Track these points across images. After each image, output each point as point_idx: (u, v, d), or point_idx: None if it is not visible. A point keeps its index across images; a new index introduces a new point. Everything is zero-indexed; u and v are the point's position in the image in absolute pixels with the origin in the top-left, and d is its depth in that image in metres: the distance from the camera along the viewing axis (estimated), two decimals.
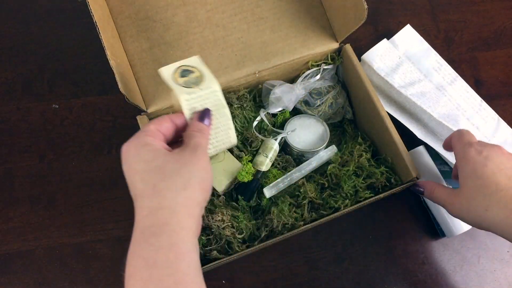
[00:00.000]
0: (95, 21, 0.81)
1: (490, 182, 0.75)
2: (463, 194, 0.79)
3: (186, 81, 0.77)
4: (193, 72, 0.79)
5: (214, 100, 0.77)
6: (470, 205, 0.77)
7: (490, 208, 0.74)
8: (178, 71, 0.78)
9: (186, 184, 0.64)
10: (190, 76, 0.78)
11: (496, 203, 0.73)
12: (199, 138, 0.70)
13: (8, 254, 1.05)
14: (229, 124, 0.80)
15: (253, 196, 1.00)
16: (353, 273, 1.06)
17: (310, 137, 1.03)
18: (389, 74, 1.13)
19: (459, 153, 0.82)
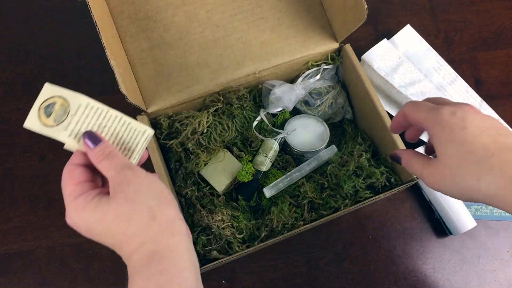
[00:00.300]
0: (95, 21, 0.81)
1: (476, 147, 0.62)
2: (445, 164, 0.65)
3: (55, 118, 0.67)
4: (55, 102, 0.68)
5: (92, 112, 0.68)
6: (456, 176, 0.64)
7: (482, 177, 0.61)
8: (41, 113, 0.67)
9: (150, 215, 0.60)
10: (54, 109, 0.67)
11: (490, 170, 0.61)
12: (109, 164, 0.63)
13: (8, 254, 1.05)
14: (126, 121, 0.69)
15: (253, 196, 1.00)
16: (353, 273, 1.06)
17: (310, 137, 1.03)
18: (389, 74, 1.13)
19: (429, 120, 0.67)
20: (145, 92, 0.97)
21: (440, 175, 0.66)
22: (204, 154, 0.97)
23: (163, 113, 0.99)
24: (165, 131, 0.98)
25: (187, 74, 0.98)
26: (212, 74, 0.99)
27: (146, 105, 0.96)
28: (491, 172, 0.60)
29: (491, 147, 0.61)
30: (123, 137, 0.68)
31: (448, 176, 0.65)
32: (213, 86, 0.99)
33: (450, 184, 0.65)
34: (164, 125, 0.98)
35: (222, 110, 1.01)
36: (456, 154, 0.63)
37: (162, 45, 0.99)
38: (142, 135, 0.69)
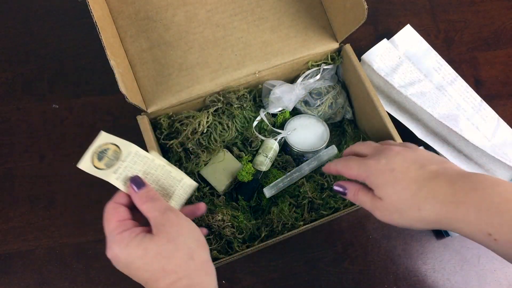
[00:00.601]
0: (95, 20, 0.81)
1: (408, 183, 0.71)
2: (388, 201, 0.73)
3: (107, 162, 0.74)
4: (108, 149, 0.76)
5: (140, 160, 0.76)
6: (401, 210, 0.71)
7: (422, 206, 0.69)
8: (95, 157, 0.74)
9: (189, 255, 0.66)
10: (107, 155, 0.75)
11: (425, 199, 0.68)
12: (152, 206, 0.69)
13: (8, 254, 1.05)
14: (168, 170, 0.77)
15: (253, 196, 1.00)
16: (353, 273, 1.06)
17: (310, 137, 1.03)
18: (389, 74, 1.13)
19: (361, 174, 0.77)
20: (145, 92, 0.97)
21: (388, 211, 0.73)
22: (204, 154, 0.97)
23: (163, 113, 0.99)
24: (165, 131, 0.98)
25: (187, 74, 0.98)
26: (212, 74, 0.99)
27: (146, 105, 0.96)
28: (426, 202, 0.68)
29: (420, 179, 0.70)
30: (164, 184, 0.75)
31: (394, 212, 0.72)
32: (213, 86, 0.99)
33: (398, 218, 0.72)
34: (164, 125, 0.98)
35: (222, 110, 1.01)
36: (393, 192, 0.72)
37: (162, 45, 0.99)
38: (179, 182, 0.77)
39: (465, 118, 1.13)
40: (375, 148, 0.79)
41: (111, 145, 0.76)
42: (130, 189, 0.71)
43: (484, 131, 1.13)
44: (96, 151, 0.74)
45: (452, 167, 0.72)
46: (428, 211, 0.68)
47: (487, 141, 1.11)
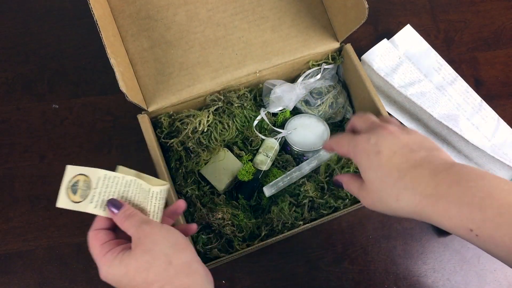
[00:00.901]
0: (95, 19, 0.81)
1: (391, 169, 0.67)
2: (370, 188, 0.70)
3: (82, 194, 0.74)
4: (78, 180, 0.75)
5: (110, 182, 0.74)
6: (381, 197, 0.68)
7: (400, 197, 0.65)
8: (70, 192, 0.74)
9: (167, 261, 0.66)
10: (79, 187, 0.74)
11: (404, 190, 0.65)
12: (129, 223, 0.69)
13: (8, 254, 1.05)
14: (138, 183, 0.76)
15: (253, 195, 1.00)
16: (353, 273, 1.06)
17: (311, 137, 1.03)
18: (389, 74, 1.13)
19: (350, 152, 0.73)
20: (146, 91, 0.97)
21: (370, 197, 0.70)
22: (205, 153, 0.97)
23: (164, 112, 0.99)
24: (166, 130, 0.98)
25: (188, 73, 0.98)
26: (212, 73, 0.99)
27: (146, 104, 0.96)
28: (405, 192, 0.64)
29: (404, 167, 0.66)
30: (139, 198, 0.75)
31: (376, 198, 0.69)
32: (214, 85, 0.99)
33: (379, 205, 0.69)
34: (165, 124, 0.98)
35: (222, 109, 1.01)
36: (376, 178, 0.68)
37: (163, 44, 0.99)
38: (148, 193, 0.75)
39: (465, 118, 1.13)
40: (371, 124, 0.74)
41: (79, 176, 0.75)
42: (110, 213, 0.71)
43: (484, 131, 1.13)
44: (68, 186, 0.74)
45: (440, 155, 0.67)
46: (406, 202, 0.65)
47: (487, 141, 1.12)
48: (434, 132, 1.10)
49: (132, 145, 1.13)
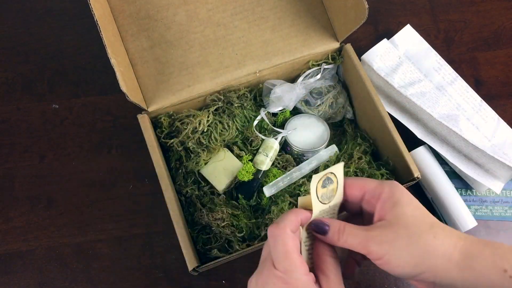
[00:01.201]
0: (96, 19, 0.81)
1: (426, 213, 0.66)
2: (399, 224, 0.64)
3: (323, 194, 0.69)
4: (332, 182, 0.70)
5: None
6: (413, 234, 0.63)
7: (438, 235, 0.62)
8: (320, 182, 0.68)
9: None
10: (327, 188, 0.70)
11: (442, 230, 0.63)
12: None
13: (8, 254, 1.05)
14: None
15: (253, 195, 1.00)
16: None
17: (311, 137, 1.03)
18: (389, 74, 1.13)
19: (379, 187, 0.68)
20: (146, 91, 0.97)
21: (393, 234, 0.63)
22: (205, 153, 0.97)
23: (164, 112, 0.99)
24: (166, 130, 0.99)
25: (188, 73, 0.98)
26: (212, 73, 0.99)
27: (146, 104, 0.96)
28: (444, 233, 0.62)
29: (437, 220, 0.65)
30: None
31: (404, 235, 0.62)
32: (214, 85, 0.99)
33: (404, 243, 0.62)
34: (165, 124, 0.98)
35: (222, 109, 1.01)
36: (414, 215, 0.64)
37: (163, 44, 0.99)
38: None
39: (465, 118, 1.13)
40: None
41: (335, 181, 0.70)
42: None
43: (484, 131, 1.13)
44: (327, 173, 0.69)
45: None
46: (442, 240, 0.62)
47: (487, 141, 1.11)
48: (434, 132, 1.09)
49: (132, 145, 1.13)
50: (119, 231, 1.07)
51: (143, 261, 1.05)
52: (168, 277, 1.04)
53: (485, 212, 1.10)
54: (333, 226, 0.67)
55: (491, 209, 1.10)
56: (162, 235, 1.06)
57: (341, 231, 0.66)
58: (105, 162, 1.12)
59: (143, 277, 1.04)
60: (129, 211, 1.08)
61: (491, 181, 1.06)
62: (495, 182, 1.07)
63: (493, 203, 1.11)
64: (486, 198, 1.11)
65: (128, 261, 1.05)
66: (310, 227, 0.69)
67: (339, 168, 0.69)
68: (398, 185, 0.67)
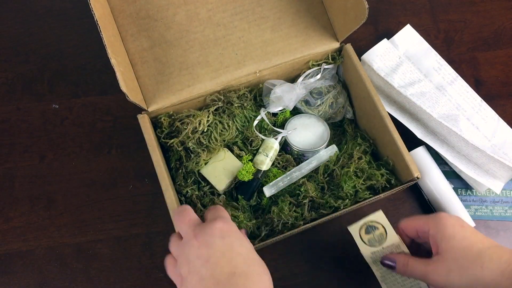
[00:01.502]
0: (96, 19, 0.81)
1: (474, 242, 0.76)
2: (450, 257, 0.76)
3: (370, 239, 0.89)
4: (377, 228, 0.89)
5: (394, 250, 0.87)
6: (462, 267, 0.75)
7: (485, 265, 0.72)
8: (364, 228, 0.89)
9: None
10: (374, 233, 0.89)
11: (490, 260, 0.73)
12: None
13: (8, 254, 1.05)
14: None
15: (253, 196, 1.00)
16: (353, 273, 1.05)
17: (311, 137, 1.03)
18: (389, 74, 1.13)
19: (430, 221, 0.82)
20: (146, 91, 0.97)
21: (446, 268, 0.76)
22: (205, 153, 0.97)
23: (164, 112, 0.99)
24: (166, 130, 0.98)
25: (188, 73, 0.98)
26: (212, 73, 0.99)
27: (146, 104, 0.96)
28: (491, 261, 0.72)
29: (485, 242, 0.76)
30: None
31: (455, 268, 0.75)
32: (214, 85, 0.99)
33: (456, 275, 0.74)
34: (165, 124, 0.98)
35: (222, 109, 1.01)
36: (460, 247, 0.76)
37: (163, 44, 0.99)
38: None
39: (465, 118, 1.13)
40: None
41: (381, 227, 0.89)
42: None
43: (484, 131, 1.13)
44: (367, 222, 0.89)
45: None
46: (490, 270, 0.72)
47: (487, 141, 1.12)
48: (434, 132, 1.10)
49: (132, 145, 1.13)
50: (119, 231, 1.07)
51: (143, 261, 1.05)
52: (168, 277, 1.03)
53: (485, 212, 1.10)
54: (399, 262, 0.83)
55: (491, 209, 1.10)
56: (162, 235, 1.06)
57: (405, 265, 0.82)
58: (105, 162, 1.12)
59: (143, 277, 1.04)
60: (129, 211, 1.08)
61: (491, 181, 1.06)
62: (495, 182, 1.07)
63: (493, 203, 1.11)
64: (486, 198, 1.11)
65: (128, 261, 1.05)
66: (382, 263, 0.86)
67: (380, 216, 0.89)
68: (442, 218, 0.80)
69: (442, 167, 1.09)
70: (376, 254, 0.88)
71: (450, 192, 1.05)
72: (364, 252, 0.89)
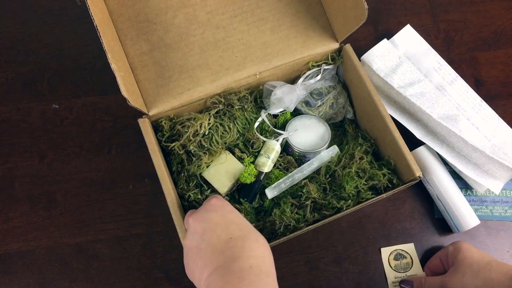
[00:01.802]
0: (95, 24, 0.81)
1: (483, 255, 0.95)
2: (464, 265, 0.94)
3: (397, 265, 1.05)
4: (405, 257, 1.06)
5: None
6: (474, 272, 0.92)
7: (494, 269, 0.91)
8: (394, 253, 1.06)
9: None
10: (401, 261, 1.06)
11: (497, 265, 0.91)
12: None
13: (8, 254, 1.05)
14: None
15: (256, 198, 1.00)
16: (353, 273, 1.06)
17: (312, 138, 1.03)
18: (388, 74, 1.13)
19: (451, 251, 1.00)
20: (146, 95, 0.97)
21: (461, 273, 0.93)
22: (206, 156, 0.97)
23: (165, 115, 0.99)
24: (167, 134, 0.98)
25: (188, 76, 0.98)
26: (213, 76, 0.99)
27: (147, 108, 0.96)
28: (498, 266, 0.91)
29: (493, 257, 0.95)
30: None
31: (468, 273, 0.93)
32: (214, 87, 0.99)
33: (469, 278, 0.92)
34: (166, 127, 0.98)
35: (223, 111, 1.01)
36: (473, 257, 0.95)
37: (162, 47, 0.99)
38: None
39: (465, 118, 1.13)
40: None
41: (410, 258, 1.06)
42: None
43: (484, 131, 1.13)
44: (397, 250, 1.06)
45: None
46: (497, 272, 0.90)
47: (487, 141, 1.12)
48: (434, 132, 1.10)
49: (132, 145, 1.13)
50: (119, 231, 1.07)
51: (143, 261, 1.05)
52: (168, 277, 1.04)
53: (485, 212, 1.11)
54: (415, 281, 1.00)
55: (491, 209, 1.11)
56: (162, 235, 1.07)
57: (422, 284, 0.99)
58: (105, 162, 1.12)
59: (143, 277, 1.04)
60: (129, 211, 1.08)
61: (490, 181, 1.07)
62: (494, 182, 1.07)
63: (493, 203, 1.11)
64: (486, 198, 1.12)
65: (128, 261, 1.05)
66: (400, 286, 1.02)
67: (410, 248, 1.07)
68: (458, 241, 1.00)
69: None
70: (398, 280, 1.04)
71: (456, 190, 1.06)
72: (388, 275, 1.05)
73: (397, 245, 1.06)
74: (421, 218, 1.10)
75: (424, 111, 1.05)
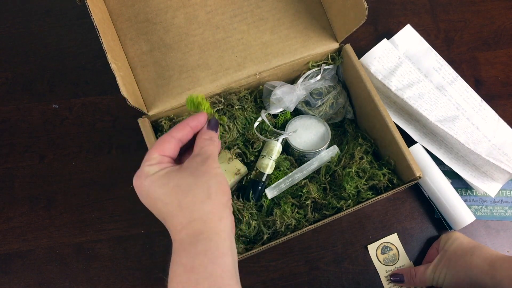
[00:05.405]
0: (95, 24, 0.81)
1: (469, 241, 1.01)
2: (449, 250, 1.00)
3: (385, 259, 1.07)
4: (391, 249, 1.07)
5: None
6: (458, 256, 0.98)
7: (476, 253, 0.96)
8: (380, 247, 1.08)
9: (207, 193, 0.64)
10: (388, 254, 1.07)
11: (480, 249, 0.97)
12: (209, 146, 0.70)
13: (8, 254, 1.05)
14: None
15: (260, 198, 1.00)
16: (353, 273, 1.06)
17: (312, 138, 1.03)
18: (386, 77, 1.13)
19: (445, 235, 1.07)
20: (146, 95, 0.97)
21: (447, 258, 0.99)
22: None
23: (164, 115, 0.99)
24: None
25: (188, 76, 0.98)
26: (212, 76, 0.99)
27: (147, 108, 0.96)
28: (481, 251, 0.97)
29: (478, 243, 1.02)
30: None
31: (453, 257, 0.98)
32: (214, 87, 0.99)
33: (453, 263, 0.97)
34: (166, 127, 0.98)
35: (223, 111, 1.01)
36: (459, 243, 1.01)
37: (162, 47, 0.99)
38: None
39: (465, 118, 1.13)
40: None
41: (395, 249, 1.08)
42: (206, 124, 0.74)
43: (484, 131, 1.13)
44: (383, 243, 1.08)
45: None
46: (478, 257, 0.95)
47: (487, 141, 1.12)
48: (433, 133, 1.10)
49: (132, 145, 1.13)
50: (119, 231, 1.07)
51: (143, 261, 1.05)
52: (168, 277, 1.04)
53: (485, 212, 1.11)
54: (406, 273, 1.04)
55: (491, 209, 1.11)
56: (162, 235, 1.07)
57: (413, 274, 1.02)
58: (105, 162, 1.12)
59: (143, 277, 1.04)
60: (129, 211, 1.08)
61: (487, 183, 1.07)
62: (492, 184, 1.07)
63: (493, 203, 1.11)
64: (486, 198, 1.12)
65: (128, 261, 1.05)
66: (390, 280, 1.05)
67: (393, 239, 1.08)
68: (452, 231, 1.07)
69: (442, 167, 1.09)
70: (389, 273, 1.06)
71: (448, 188, 1.06)
72: (380, 270, 1.06)
73: (382, 239, 1.08)
74: (421, 218, 1.10)
75: (421, 114, 1.05)
